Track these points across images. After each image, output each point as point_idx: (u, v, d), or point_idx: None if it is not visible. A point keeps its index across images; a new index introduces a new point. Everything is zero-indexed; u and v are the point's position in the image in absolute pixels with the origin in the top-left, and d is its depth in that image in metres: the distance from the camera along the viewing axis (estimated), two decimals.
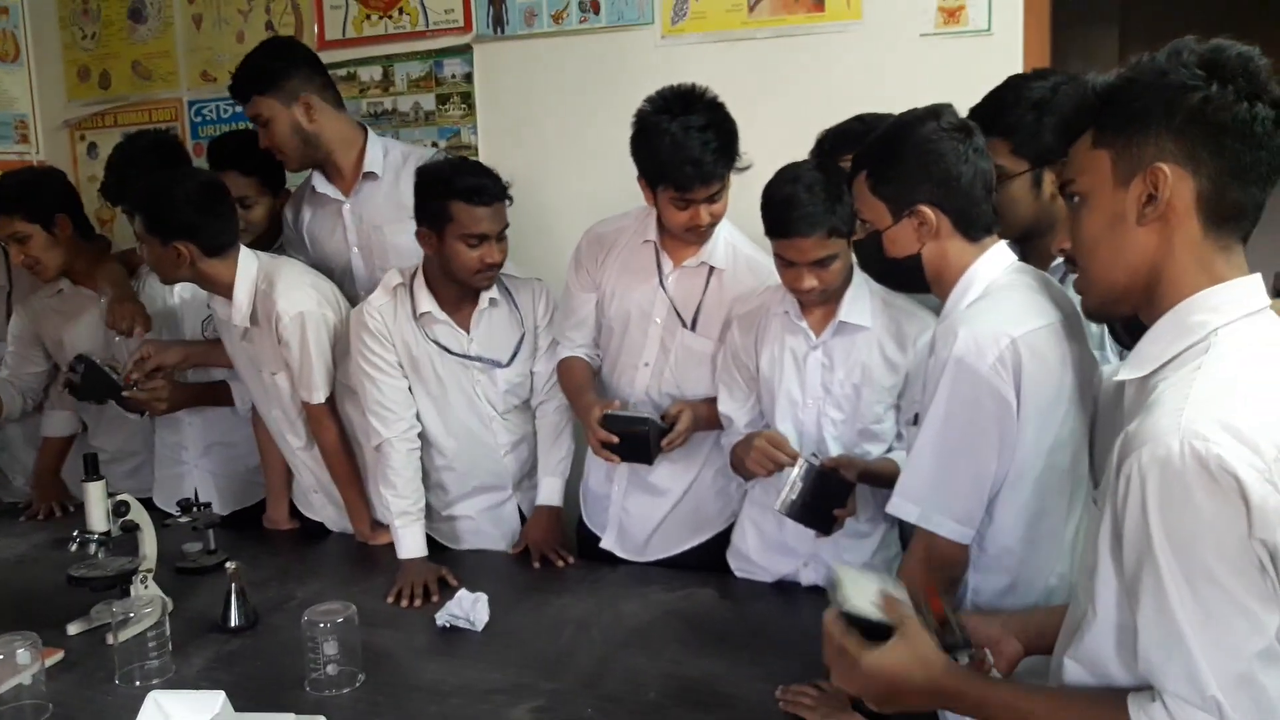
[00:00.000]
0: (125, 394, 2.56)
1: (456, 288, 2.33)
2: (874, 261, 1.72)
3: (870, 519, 2.09)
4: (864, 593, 1.34)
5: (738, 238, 2.30)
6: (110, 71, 3.89)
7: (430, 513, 2.46)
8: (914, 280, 1.68)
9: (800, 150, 2.25)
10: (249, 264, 2.42)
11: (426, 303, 2.34)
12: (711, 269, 2.27)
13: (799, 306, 2.07)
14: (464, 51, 3.25)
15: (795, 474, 1.92)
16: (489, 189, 2.23)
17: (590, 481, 2.51)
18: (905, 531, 2.04)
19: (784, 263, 1.98)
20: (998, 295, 1.56)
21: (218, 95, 3.66)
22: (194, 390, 2.71)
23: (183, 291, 2.77)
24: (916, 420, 1.61)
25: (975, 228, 1.61)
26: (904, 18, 2.70)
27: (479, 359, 2.40)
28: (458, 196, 2.21)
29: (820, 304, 2.04)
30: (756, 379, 2.16)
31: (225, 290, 2.42)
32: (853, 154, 1.75)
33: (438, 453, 2.45)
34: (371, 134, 2.68)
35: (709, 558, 2.34)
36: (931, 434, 1.54)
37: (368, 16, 3.38)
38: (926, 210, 1.59)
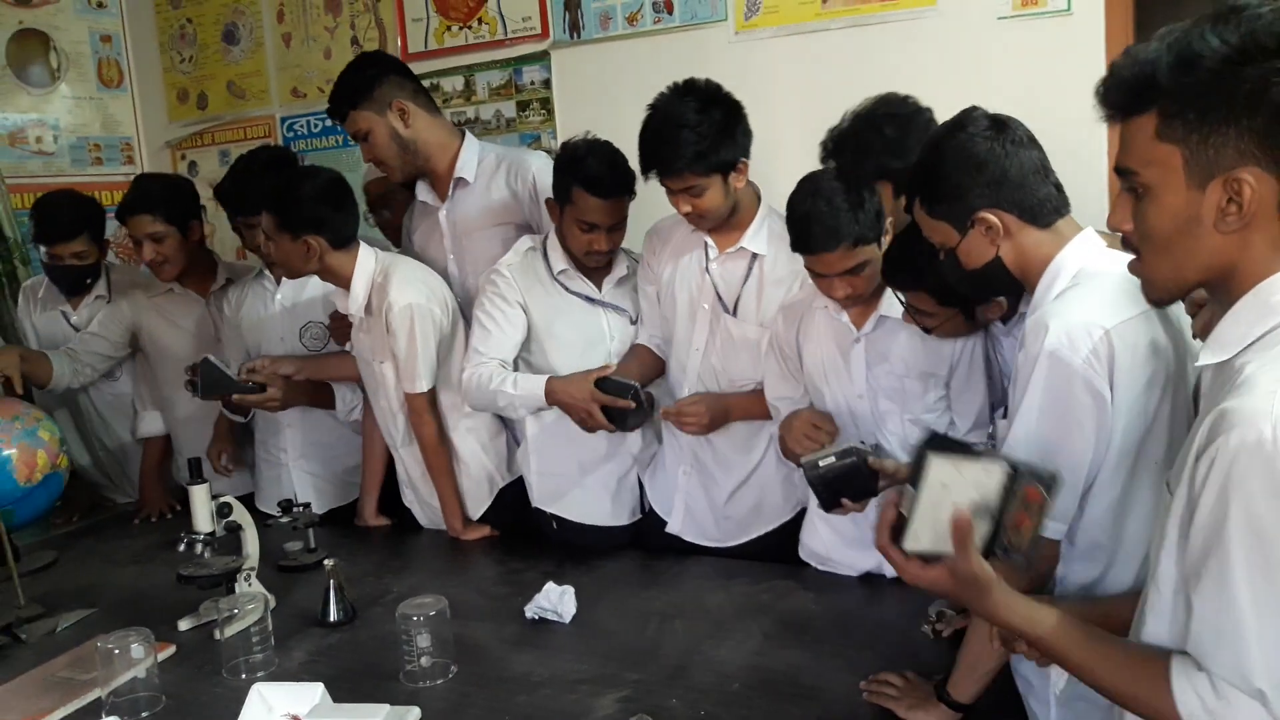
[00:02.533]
0: (236, 397, 2.68)
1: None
2: (961, 279, 1.71)
3: None
4: (939, 509, 1.28)
5: (780, 224, 2.29)
6: (207, 92, 4.06)
7: (558, 486, 2.53)
8: (1007, 284, 1.66)
9: None
10: (368, 258, 2.54)
11: (561, 262, 2.44)
12: (754, 255, 2.28)
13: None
14: (542, 58, 3.31)
15: (838, 450, 1.91)
16: (608, 183, 2.30)
17: (660, 465, 2.53)
18: None
19: (815, 275, 1.99)
20: (1087, 285, 1.53)
21: (308, 110, 3.80)
22: (304, 389, 2.80)
23: (283, 300, 2.88)
24: (1005, 414, 1.59)
25: (1042, 214, 1.59)
26: (980, 1, 2.66)
27: (614, 305, 2.49)
28: (579, 182, 2.29)
29: (858, 305, 2.04)
30: (801, 370, 2.17)
31: (345, 282, 2.53)
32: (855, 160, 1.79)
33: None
34: (469, 138, 2.71)
35: (778, 547, 2.35)
36: (1025, 430, 1.51)
37: (448, 28, 3.46)
38: (987, 215, 1.57)
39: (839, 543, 2.18)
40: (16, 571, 2.29)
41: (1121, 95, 1.10)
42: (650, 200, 2.52)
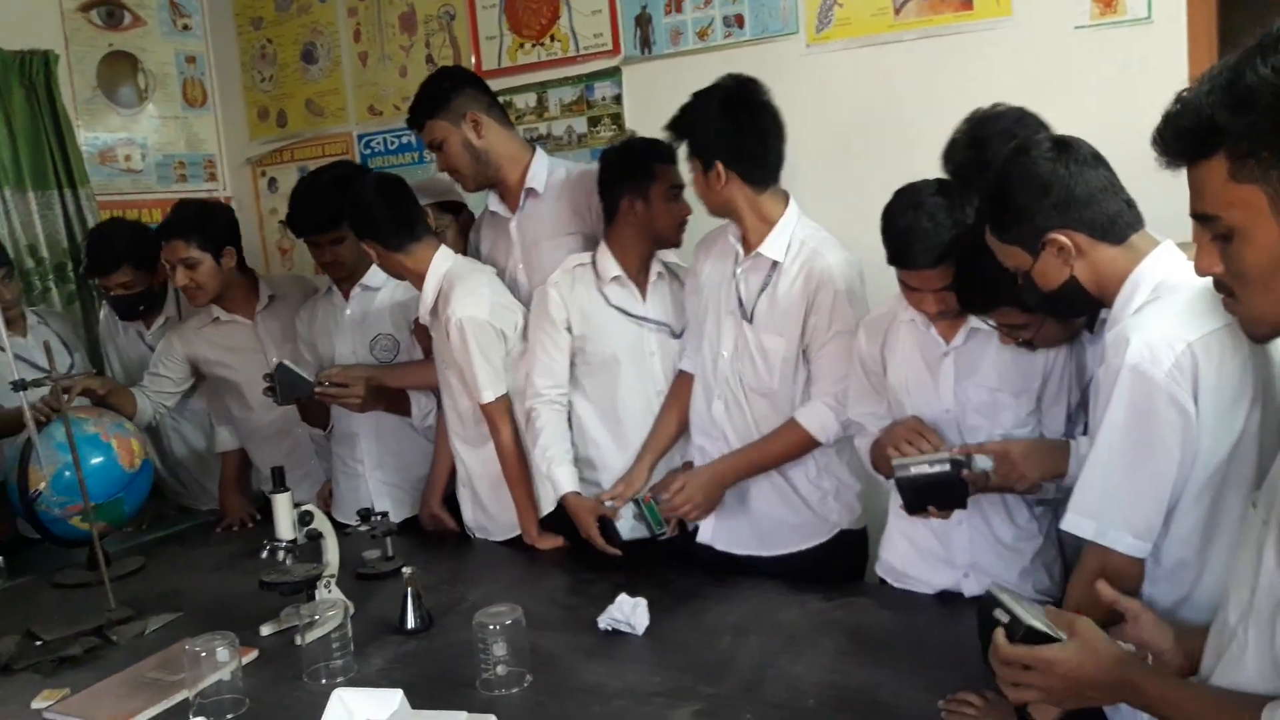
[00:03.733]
0: (317, 390, 2.72)
1: (638, 256, 2.52)
2: (1041, 302, 1.69)
3: (1033, 519, 2.04)
4: (1031, 611, 1.34)
5: (811, 234, 2.31)
6: (286, 110, 4.17)
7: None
8: (1087, 303, 1.66)
9: None
10: (442, 263, 2.62)
11: (614, 268, 2.51)
12: (774, 263, 2.30)
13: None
14: (613, 74, 3.35)
15: (933, 458, 1.89)
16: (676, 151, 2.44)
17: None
18: (1063, 534, 1.97)
19: (907, 288, 1.97)
20: (1168, 298, 1.51)
21: (384, 128, 3.88)
22: (382, 394, 2.84)
23: (353, 314, 2.94)
24: (1087, 430, 1.57)
25: (1114, 231, 1.58)
26: (1057, 10, 2.63)
27: (655, 321, 2.54)
28: (658, 158, 2.44)
29: (947, 320, 2.01)
30: (885, 385, 2.15)
31: (418, 283, 2.62)
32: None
33: (602, 433, 2.56)
34: (539, 152, 2.78)
35: (820, 565, 2.37)
36: (1107, 446, 1.50)
37: (521, 45, 3.51)
38: (1057, 236, 1.58)
39: (916, 557, 2.15)
40: (108, 576, 2.37)
41: (1182, 144, 1.09)
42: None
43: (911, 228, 1.87)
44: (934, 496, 1.93)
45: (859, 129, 2.87)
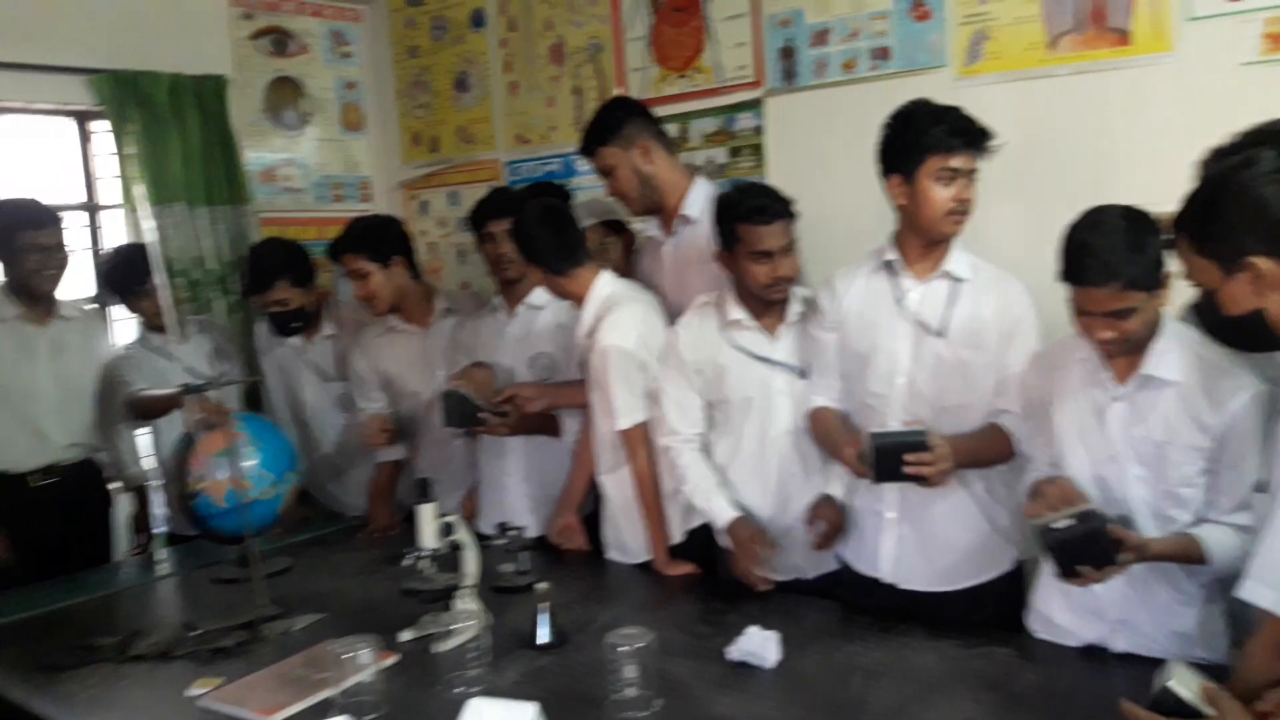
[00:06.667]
0: (479, 415, 2.80)
1: (754, 299, 2.49)
2: (1218, 324, 1.62)
3: (1200, 585, 1.94)
4: (1190, 682, 1.32)
5: (979, 260, 2.32)
6: (438, 137, 4.32)
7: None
8: (1267, 340, 1.57)
9: (1108, 192, 2.15)
10: (602, 288, 2.70)
11: (736, 312, 2.51)
12: (957, 280, 2.27)
13: (1101, 354, 1.98)
14: (755, 105, 3.37)
15: (1074, 512, 1.82)
16: (769, 208, 2.38)
17: (853, 511, 2.46)
18: (1233, 604, 1.86)
19: (1078, 310, 1.90)
20: None
21: (531, 155, 3.99)
22: (531, 420, 2.92)
23: (515, 331, 3.04)
24: (1261, 488, 1.49)
25: None
26: (1222, 46, 2.52)
27: (782, 364, 2.51)
28: (742, 219, 2.39)
29: (1122, 354, 1.93)
30: (1049, 423, 2.08)
31: (579, 304, 2.71)
32: None
33: (736, 473, 2.55)
34: (699, 180, 2.85)
35: (991, 603, 2.30)
36: None
37: (666, 76, 3.57)
38: (1258, 262, 1.48)
39: (1066, 607, 2.07)
40: (261, 574, 2.49)
41: None
42: (829, 262, 2.55)
43: (1087, 243, 1.83)
44: (1084, 554, 1.82)
45: (1010, 166, 2.79)
